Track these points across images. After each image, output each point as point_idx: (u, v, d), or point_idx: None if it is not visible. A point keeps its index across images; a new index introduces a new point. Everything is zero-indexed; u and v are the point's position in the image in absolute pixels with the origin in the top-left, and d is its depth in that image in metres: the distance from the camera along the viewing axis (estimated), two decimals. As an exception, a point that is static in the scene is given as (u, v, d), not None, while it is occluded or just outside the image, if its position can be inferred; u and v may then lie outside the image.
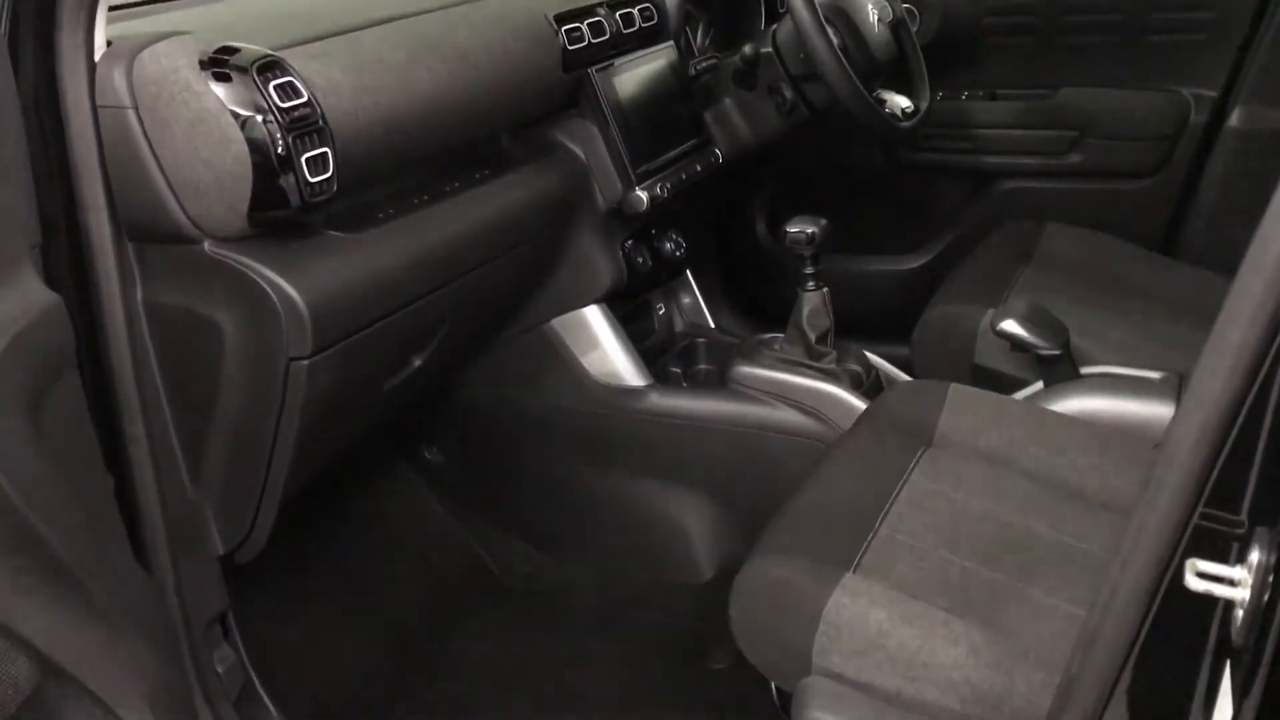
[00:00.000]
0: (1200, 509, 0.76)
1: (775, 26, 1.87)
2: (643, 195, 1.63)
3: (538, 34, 1.53)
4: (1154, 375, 1.56)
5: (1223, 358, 0.73)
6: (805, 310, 1.70)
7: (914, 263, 2.34)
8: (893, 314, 2.13)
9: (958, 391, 1.50)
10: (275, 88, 1.10)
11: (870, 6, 1.86)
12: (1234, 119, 2.06)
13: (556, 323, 1.72)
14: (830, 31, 1.68)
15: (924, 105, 1.93)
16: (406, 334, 1.38)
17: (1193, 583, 0.71)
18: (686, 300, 2.01)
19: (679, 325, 1.99)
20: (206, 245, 1.15)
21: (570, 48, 1.57)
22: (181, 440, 1.25)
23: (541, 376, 1.75)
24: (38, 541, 0.91)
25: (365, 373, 1.35)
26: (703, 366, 1.94)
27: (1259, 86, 2.03)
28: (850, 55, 1.74)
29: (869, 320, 2.07)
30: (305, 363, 1.18)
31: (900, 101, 1.90)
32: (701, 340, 1.95)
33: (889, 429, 1.47)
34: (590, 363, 1.73)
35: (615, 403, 1.73)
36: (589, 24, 1.61)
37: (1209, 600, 0.72)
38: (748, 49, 1.79)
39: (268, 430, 1.23)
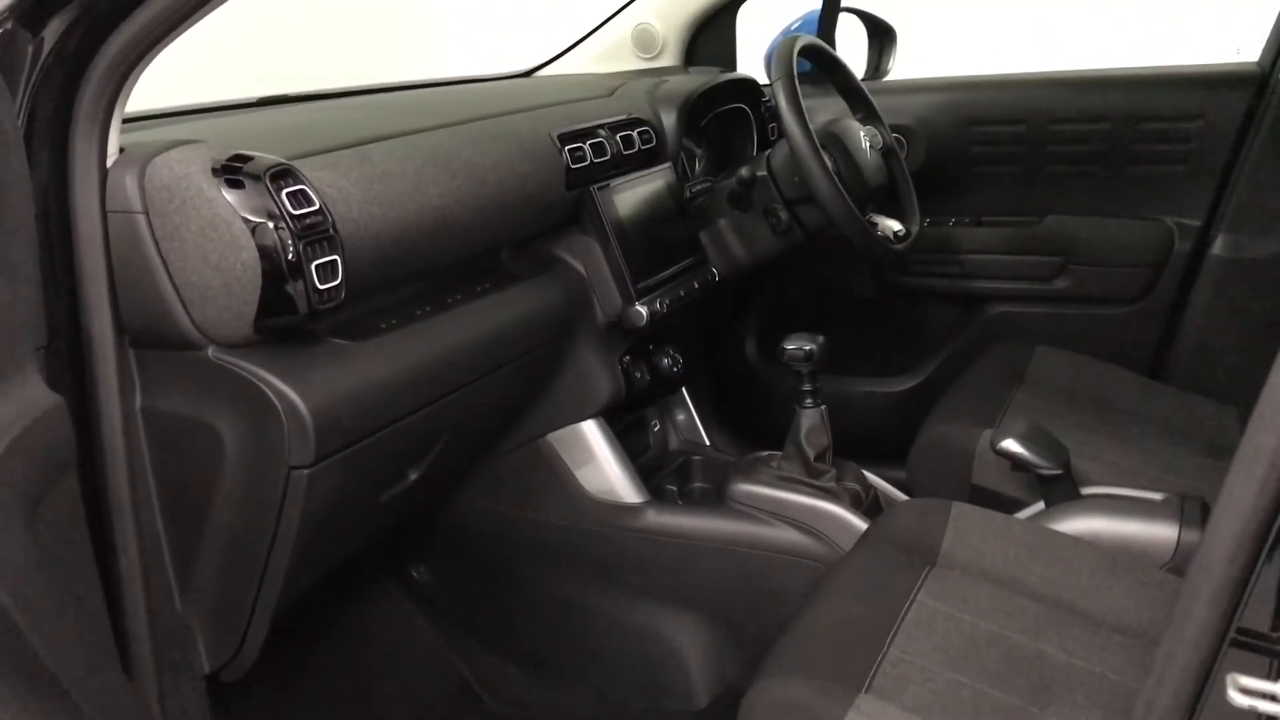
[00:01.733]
0: (1236, 623, 0.75)
1: (770, 151, 1.91)
2: (642, 310, 1.64)
3: (543, 152, 1.55)
4: (1156, 497, 1.56)
5: (1254, 469, 0.73)
6: (804, 427, 1.69)
7: (903, 385, 2.35)
8: (883, 436, 2.13)
9: (961, 510, 1.49)
10: (287, 195, 1.11)
11: (862, 134, 1.91)
12: (1217, 247, 2.10)
13: (552, 437, 1.71)
14: (825, 156, 1.72)
15: (914, 229, 1.96)
16: (406, 446, 1.37)
17: (1236, 698, 0.70)
18: (681, 417, 2.00)
19: (674, 443, 1.98)
20: (210, 352, 1.14)
21: (573, 166, 1.59)
22: (172, 553, 1.22)
23: (536, 492, 1.73)
24: (26, 649, 0.87)
25: (364, 484, 1.32)
26: (698, 484, 1.92)
27: (1239, 216, 2.08)
28: (844, 180, 1.78)
29: (859, 442, 2.07)
30: (306, 472, 1.16)
31: (892, 225, 1.93)
32: (697, 458, 1.94)
33: (892, 548, 1.45)
34: (586, 478, 1.71)
35: (611, 520, 1.70)
36: (591, 144, 1.63)
37: (1252, 716, 0.70)
38: (744, 171, 1.82)
39: (263, 543, 1.20)
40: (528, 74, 2.35)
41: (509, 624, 1.85)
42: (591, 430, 1.70)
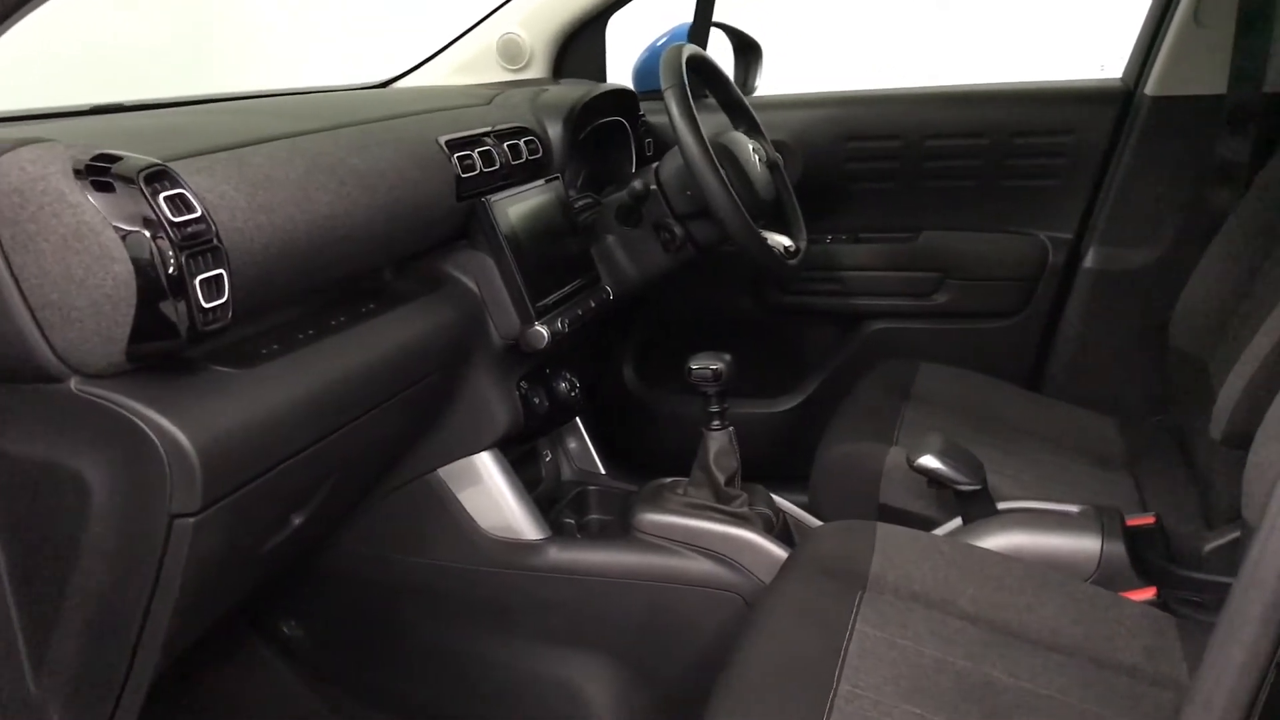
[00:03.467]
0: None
1: (658, 165, 1.83)
2: (543, 331, 1.52)
3: (432, 159, 1.42)
4: (1072, 509, 1.54)
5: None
6: (712, 451, 1.61)
7: (785, 405, 2.31)
8: (767, 457, 2.07)
9: (886, 531, 1.43)
10: (165, 199, 0.95)
11: (751, 147, 1.85)
12: (1089, 260, 2.14)
13: (444, 471, 1.56)
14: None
15: (803, 244, 1.91)
16: (294, 487, 1.21)
17: None
18: (573, 445, 1.89)
19: (567, 473, 1.86)
20: (73, 384, 0.97)
21: (463, 175, 1.47)
22: (24, 623, 1.03)
23: (426, 532, 1.58)
24: None
25: (249, 533, 1.16)
26: (595, 516, 1.81)
27: (1110, 228, 2.12)
28: (738, 194, 1.71)
29: (742, 463, 2.00)
30: (191, 520, 0.99)
31: (782, 240, 1.88)
32: (593, 488, 1.82)
33: (821, 575, 1.38)
34: (482, 515, 1.57)
35: (511, 559, 1.57)
36: (479, 152, 1.52)
37: None
38: (637, 184, 1.74)
39: (137, 607, 1.02)
40: (384, 85, 2.20)
41: (396, 680, 1.69)
42: (487, 463, 1.57)
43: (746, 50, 2.45)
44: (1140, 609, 1.37)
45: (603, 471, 1.87)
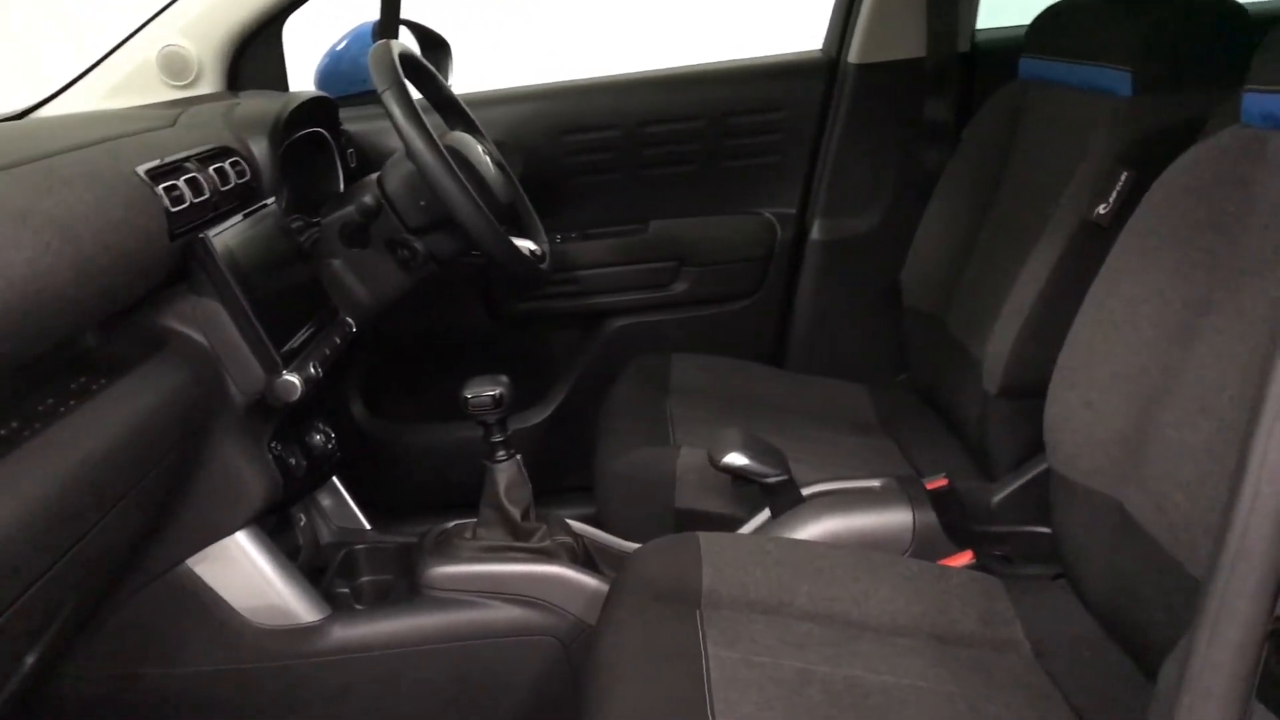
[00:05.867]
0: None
1: (379, 176, 1.65)
2: (294, 380, 1.30)
3: (134, 194, 1.17)
4: (874, 484, 1.52)
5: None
6: (501, 484, 1.46)
7: (536, 418, 2.18)
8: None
9: (710, 541, 1.34)
10: None
11: (481, 148, 1.71)
12: (814, 232, 2.15)
13: (194, 561, 1.31)
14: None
15: (546, 246, 1.79)
16: (28, 622, 0.95)
17: None
18: (327, 503, 1.66)
19: (326, 535, 1.63)
20: None
21: (173, 210, 1.23)
22: None
23: (182, 636, 1.32)
24: None
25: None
26: (367, 578, 1.60)
27: (830, 199, 2.15)
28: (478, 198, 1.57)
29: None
30: None
31: (527, 244, 1.74)
32: (361, 547, 1.61)
33: (652, 600, 1.27)
34: (246, 604, 1.34)
35: (289, 649, 1.35)
36: (185, 181, 1.27)
37: None
38: (368, 199, 1.55)
39: None
40: (19, 116, 1.86)
41: None
42: (244, 543, 1.33)
43: (434, 47, 2.28)
44: (964, 575, 1.37)
45: (368, 526, 1.66)
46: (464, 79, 2.28)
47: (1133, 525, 1.18)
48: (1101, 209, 1.45)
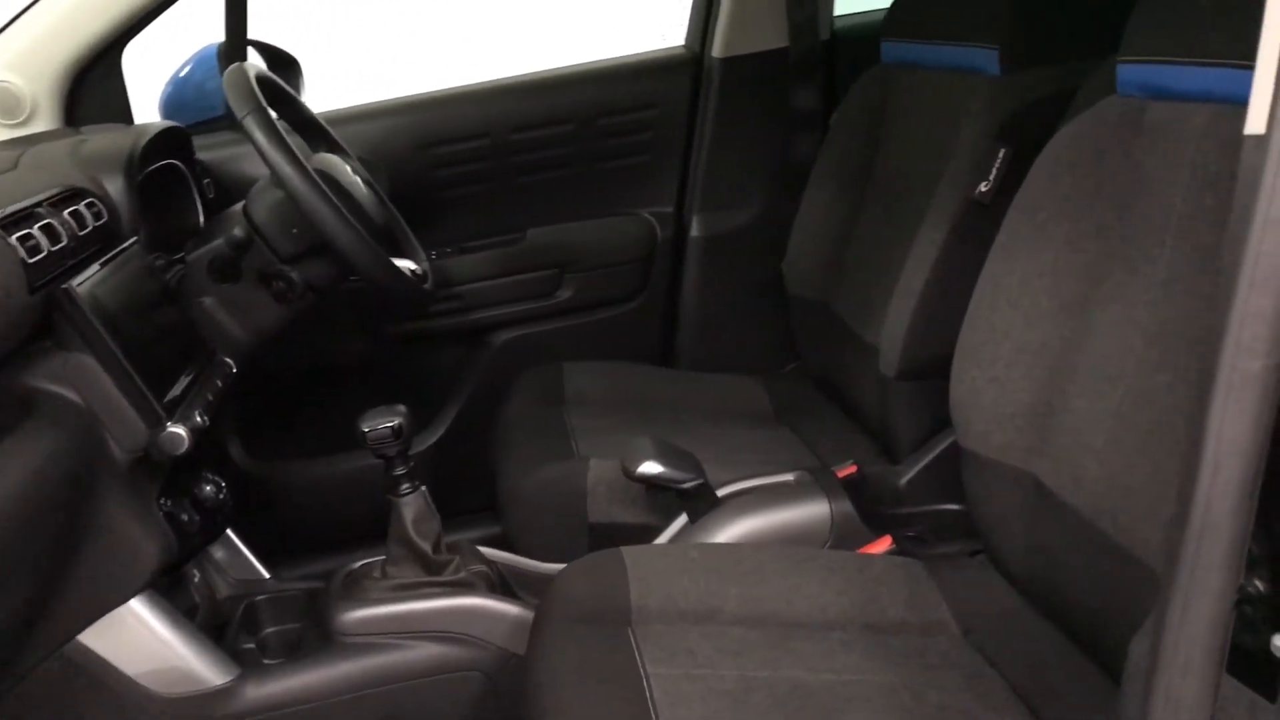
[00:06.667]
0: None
1: (244, 206, 1.57)
2: (180, 431, 1.22)
3: (-14, 247, 1.08)
4: (787, 478, 1.51)
5: (1243, 401, 0.63)
6: (408, 518, 1.39)
7: (427, 441, 2.11)
8: None
9: (634, 555, 1.31)
10: None
11: (350, 168, 1.64)
12: (694, 229, 2.14)
13: (87, 636, 1.22)
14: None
15: (426, 265, 1.73)
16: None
17: None
18: (220, 555, 1.56)
19: (223, 589, 1.54)
20: None
21: (30, 261, 1.13)
22: None
23: (81, 718, 1.23)
24: None
25: None
26: (271, 630, 1.51)
27: (707, 195, 2.14)
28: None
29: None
30: None
31: (408, 264, 1.68)
32: (262, 598, 1.52)
33: (580, 623, 1.23)
34: (149, 675, 1.25)
35: (199, 716, 1.26)
36: (40, 228, 1.18)
37: None
38: (238, 232, 1.47)
39: None
40: None
41: None
42: (141, 609, 1.24)
43: (285, 66, 2.19)
44: (887, 562, 1.37)
45: (266, 575, 1.57)
46: (317, 97, 2.19)
47: (1049, 497, 1.20)
48: (983, 187, 1.47)
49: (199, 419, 1.26)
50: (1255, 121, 0.63)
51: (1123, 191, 1.17)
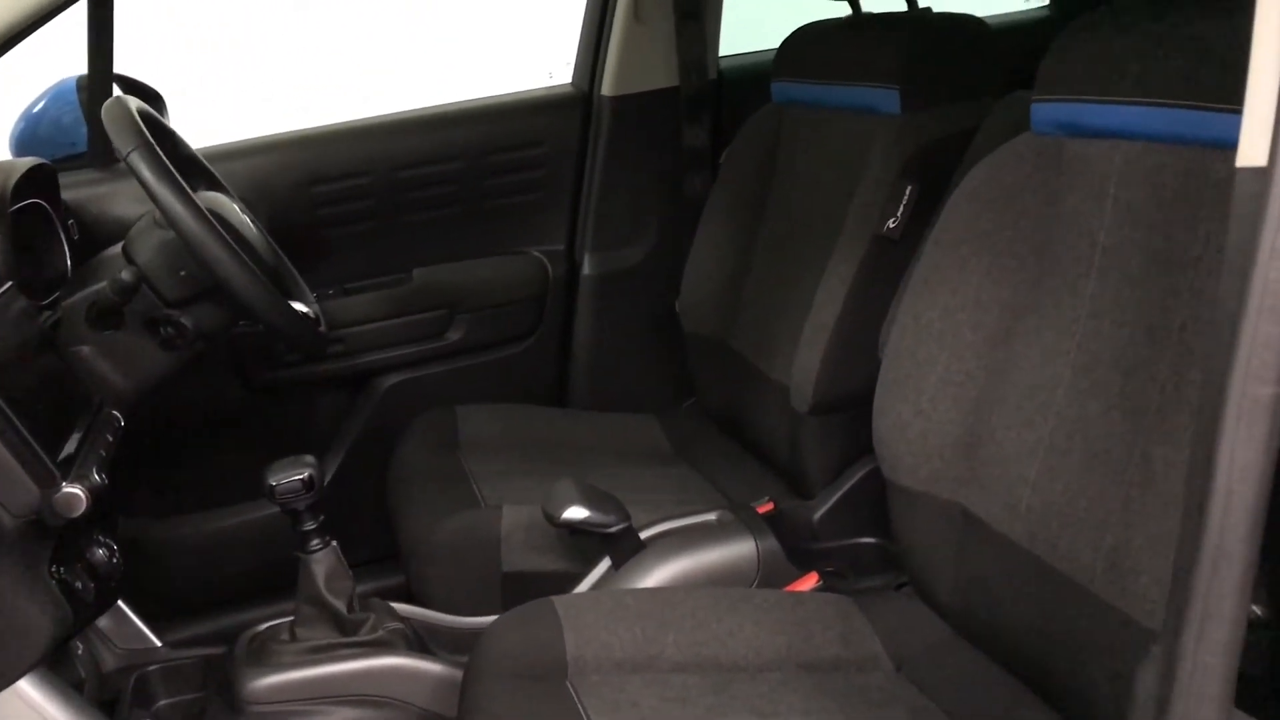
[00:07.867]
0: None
1: (124, 246, 1.47)
2: (77, 491, 1.12)
3: None
4: (710, 517, 1.49)
5: (1252, 429, 0.64)
6: (320, 576, 1.32)
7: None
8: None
9: (565, 605, 1.27)
10: None
11: (238, 207, 1.56)
12: (586, 267, 2.12)
13: (-32, 726, 1.10)
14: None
15: (316, 308, 1.66)
16: None
17: None
18: (105, 623, 1.44)
19: (110, 661, 1.41)
20: None
21: None
22: None
23: None
24: None
25: None
26: (166, 702, 1.40)
27: (598, 233, 2.12)
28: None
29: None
30: None
31: (299, 307, 1.60)
32: (154, 668, 1.40)
33: (514, 679, 1.18)
34: (40, 763, 1.13)
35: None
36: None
37: None
38: (125, 275, 1.37)
39: None
40: None
41: None
42: (30, 691, 1.13)
43: (150, 101, 2.07)
44: (819, 599, 1.36)
45: (157, 643, 1.46)
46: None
47: (979, 527, 1.21)
48: (891, 223, 1.50)
49: (97, 478, 1.16)
50: (1251, 154, 0.64)
51: (1044, 226, 1.20)
